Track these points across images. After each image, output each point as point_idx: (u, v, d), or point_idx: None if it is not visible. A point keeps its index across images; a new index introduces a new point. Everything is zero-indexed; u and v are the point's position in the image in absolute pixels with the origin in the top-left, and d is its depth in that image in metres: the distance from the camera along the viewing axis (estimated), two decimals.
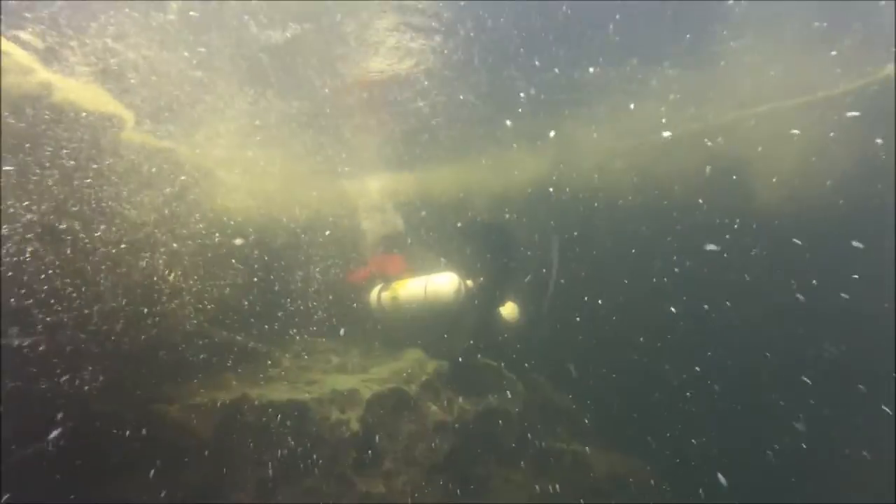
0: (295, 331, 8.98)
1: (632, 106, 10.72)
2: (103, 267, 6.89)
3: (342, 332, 9.29)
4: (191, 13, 6.81)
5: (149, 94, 7.58)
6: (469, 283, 8.91)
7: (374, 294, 9.27)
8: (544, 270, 10.05)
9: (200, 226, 7.83)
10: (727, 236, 10.19)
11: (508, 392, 9.11)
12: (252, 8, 7.14)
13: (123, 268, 6.98)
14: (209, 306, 7.99)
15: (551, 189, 10.99)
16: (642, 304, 10.33)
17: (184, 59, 7.52)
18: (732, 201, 10.13)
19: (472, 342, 9.34)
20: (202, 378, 7.55)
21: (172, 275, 7.62)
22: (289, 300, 9.06)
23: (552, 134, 11.17)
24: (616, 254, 10.82)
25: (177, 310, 7.62)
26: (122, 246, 7.08)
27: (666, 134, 11.26)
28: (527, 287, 9.89)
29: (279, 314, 8.94)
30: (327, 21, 7.90)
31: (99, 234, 6.86)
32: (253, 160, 9.31)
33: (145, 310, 7.19)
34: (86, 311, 6.71)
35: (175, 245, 7.67)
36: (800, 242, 9.39)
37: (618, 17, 8.95)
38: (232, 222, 8.39)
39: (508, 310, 9.24)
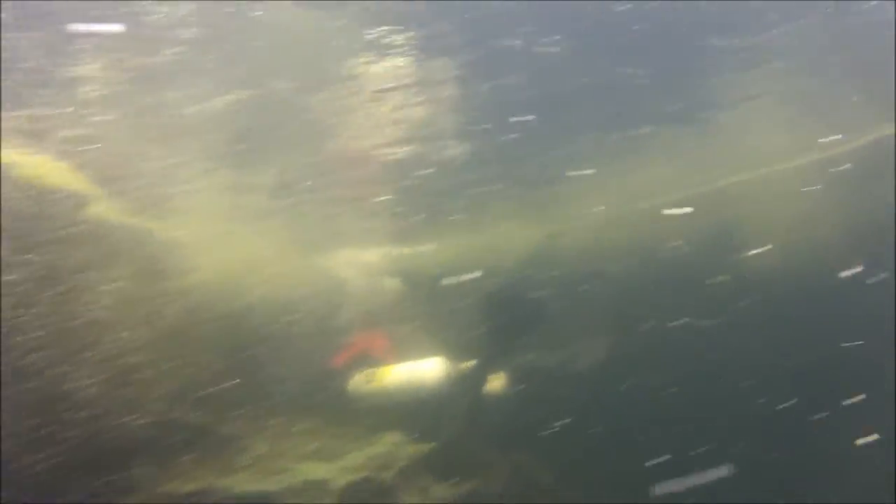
0: (270, 414, 8.63)
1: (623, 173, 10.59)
2: (62, 347, 6.64)
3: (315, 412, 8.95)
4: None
5: (108, 169, 7.39)
6: (458, 366, 8.70)
7: (357, 382, 8.96)
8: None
9: (168, 303, 7.56)
10: (720, 303, 10.00)
11: (491, 474, 8.76)
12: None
13: (84, 347, 6.72)
14: (177, 388, 7.69)
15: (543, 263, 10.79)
16: (633, 373, 10.08)
17: (143, 131, 7.35)
18: (726, 267, 9.99)
19: (456, 423, 9.02)
20: (165, 466, 7.19)
21: (137, 355, 7.35)
22: (264, 380, 8.73)
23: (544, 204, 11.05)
24: (611, 323, 10.60)
25: (141, 391, 7.34)
26: (84, 325, 6.84)
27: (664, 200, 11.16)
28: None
29: (254, 395, 8.60)
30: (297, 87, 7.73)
31: (58, 312, 6.61)
32: (225, 234, 9.05)
33: (106, 391, 6.90)
34: (42, 391, 6.43)
35: (141, 324, 7.41)
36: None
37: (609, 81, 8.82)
38: (201, 299, 8.11)
39: (494, 383, 8.99)
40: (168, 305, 7.64)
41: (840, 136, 9.36)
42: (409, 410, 8.83)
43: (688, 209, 10.21)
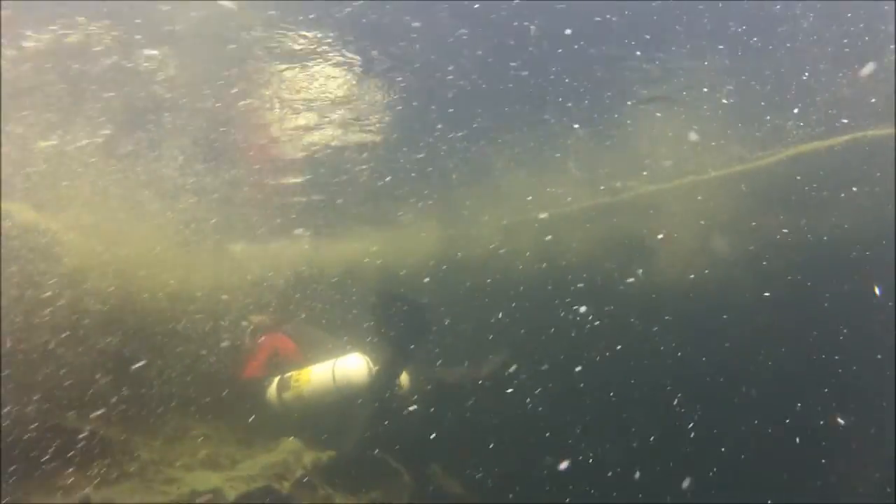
0: (158, 419, 8.05)
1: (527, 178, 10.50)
2: None
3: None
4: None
5: None
6: (370, 367, 8.30)
7: (272, 392, 8.39)
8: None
9: (45, 296, 6.94)
10: (627, 314, 9.99)
11: (394, 485, 8.43)
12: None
13: None
14: (52, 388, 7.06)
15: (445, 266, 10.60)
16: (541, 379, 9.97)
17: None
18: (635, 278, 9.98)
19: (364, 430, 8.65)
20: (34, 476, 6.53)
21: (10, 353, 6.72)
22: (151, 382, 8.15)
23: (449, 208, 10.86)
24: (513, 330, 10.47)
25: (11, 392, 6.70)
26: None
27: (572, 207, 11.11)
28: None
29: (140, 398, 8.01)
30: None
31: None
32: (112, 222, 8.45)
33: None
34: None
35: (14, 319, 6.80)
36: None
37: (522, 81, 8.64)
38: (85, 291, 7.51)
39: (399, 390, 8.66)
40: (45, 299, 7.02)
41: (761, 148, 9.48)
42: (315, 416, 8.41)
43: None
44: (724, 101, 8.96)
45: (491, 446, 9.58)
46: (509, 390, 9.71)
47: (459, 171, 10.77)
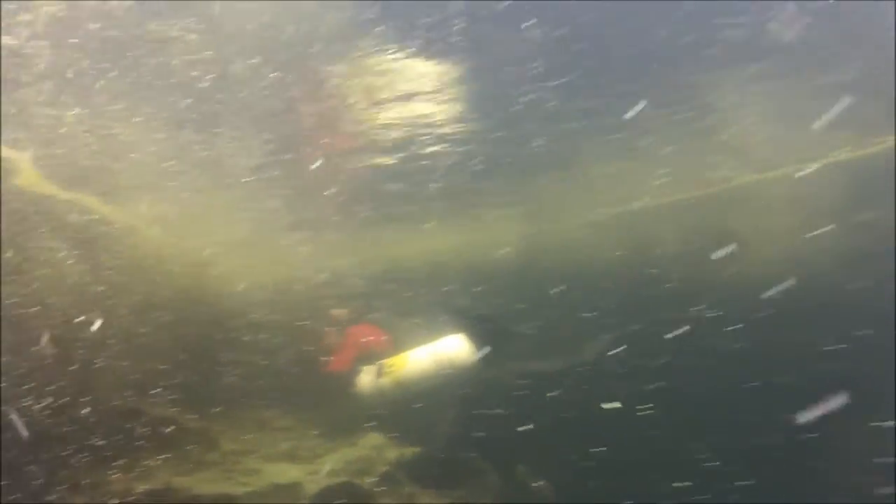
0: (241, 409, 7.93)
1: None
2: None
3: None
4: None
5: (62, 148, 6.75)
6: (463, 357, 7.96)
7: (367, 380, 8.11)
8: None
9: (126, 285, 6.89)
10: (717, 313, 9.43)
11: (479, 484, 8.08)
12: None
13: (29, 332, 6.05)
14: (142, 377, 7.01)
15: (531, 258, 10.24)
16: (624, 384, 9.50)
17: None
18: (726, 275, 9.40)
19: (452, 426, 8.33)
20: (122, 463, 6.46)
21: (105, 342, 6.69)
22: (237, 370, 8.03)
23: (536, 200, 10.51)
24: (598, 330, 10.01)
25: (103, 379, 6.67)
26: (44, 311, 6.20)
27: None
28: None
29: (224, 386, 7.90)
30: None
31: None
32: (189, 215, 8.39)
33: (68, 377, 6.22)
34: None
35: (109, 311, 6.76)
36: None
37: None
38: (164, 282, 7.44)
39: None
40: (136, 293, 6.99)
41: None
42: (412, 401, 8.07)
43: None
44: (833, 78, 8.23)
45: (579, 446, 9.13)
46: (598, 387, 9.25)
47: (547, 162, 10.39)
